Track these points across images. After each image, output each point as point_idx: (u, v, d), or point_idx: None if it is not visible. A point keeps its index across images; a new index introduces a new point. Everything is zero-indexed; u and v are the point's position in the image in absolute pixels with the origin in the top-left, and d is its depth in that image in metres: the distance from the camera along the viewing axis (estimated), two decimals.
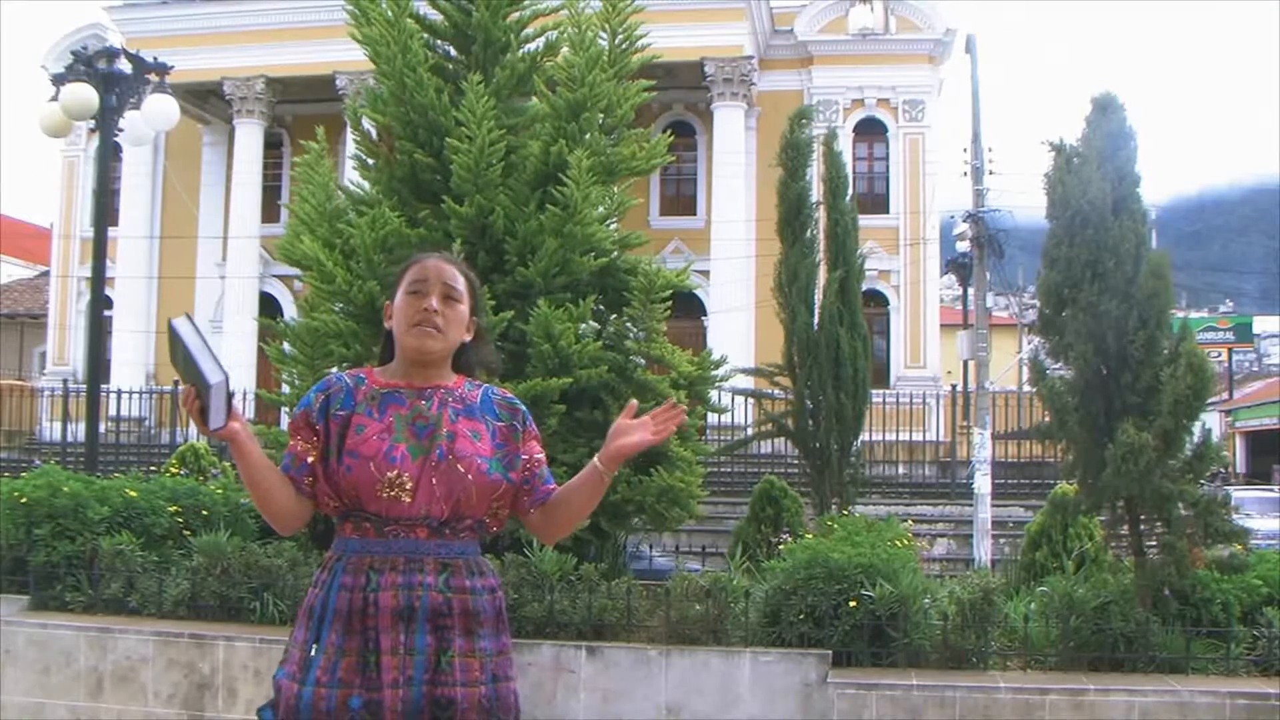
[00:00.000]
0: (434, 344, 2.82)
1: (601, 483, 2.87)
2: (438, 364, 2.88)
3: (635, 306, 8.97)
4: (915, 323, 28.67)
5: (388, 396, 2.83)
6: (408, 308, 2.83)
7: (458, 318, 2.87)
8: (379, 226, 8.71)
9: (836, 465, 12.98)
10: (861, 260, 14.27)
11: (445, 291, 2.85)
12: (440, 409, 2.82)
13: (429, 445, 2.76)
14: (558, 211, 8.79)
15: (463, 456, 2.76)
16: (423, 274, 2.86)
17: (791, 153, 13.55)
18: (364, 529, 2.76)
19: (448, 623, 2.73)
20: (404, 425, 2.78)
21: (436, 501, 2.73)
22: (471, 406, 2.86)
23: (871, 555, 7.05)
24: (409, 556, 2.74)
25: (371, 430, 2.76)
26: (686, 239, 28.59)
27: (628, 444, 2.86)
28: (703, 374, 9.34)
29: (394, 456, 2.72)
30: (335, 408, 2.81)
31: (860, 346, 13.41)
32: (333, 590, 2.74)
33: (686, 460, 8.85)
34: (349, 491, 2.74)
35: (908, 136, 29.16)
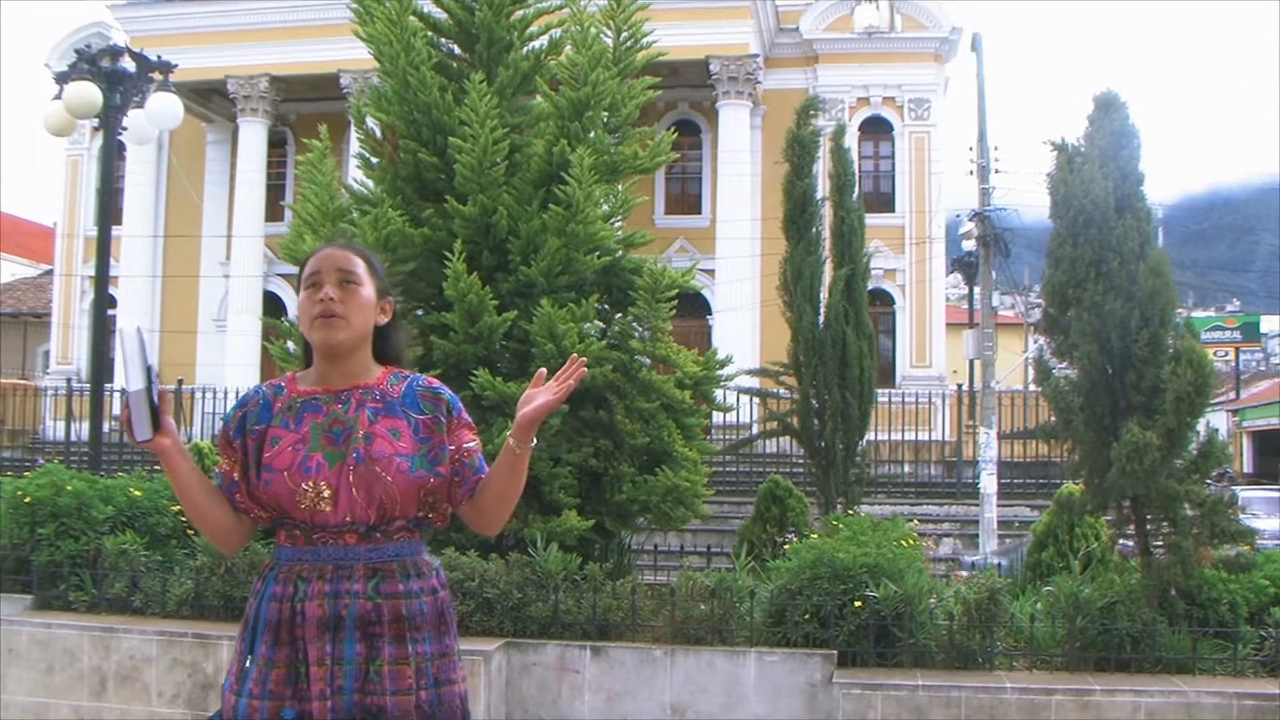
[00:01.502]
0: (339, 334, 2.74)
1: (517, 458, 2.77)
2: (352, 358, 2.80)
3: (640, 306, 8.97)
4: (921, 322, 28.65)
5: (305, 405, 2.78)
6: (307, 303, 2.77)
7: (360, 302, 2.78)
8: (382, 226, 8.72)
9: (842, 465, 12.97)
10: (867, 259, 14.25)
11: (341, 277, 2.77)
12: (357, 410, 2.76)
13: (345, 450, 2.71)
14: (561, 210, 8.80)
15: (380, 458, 2.70)
16: (314, 266, 2.79)
17: (797, 148, 13.54)
18: (295, 537, 2.74)
19: (377, 630, 2.68)
20: (320, 433, 2.73)
21: (359, 506, 2.68)
22: (392, 403, 2.79)
23: (877, 555, 7.05)
24: (337, 564, 2.69)
25: (286, 442, 2.72)
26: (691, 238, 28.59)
27: (531, 410, 2.75)
28: (708, 373, 9.34)
29: (309, 467, 2.69)
30: (251, 423, 2.78)
31: (866, 346, 13.41)
32: (264, 600, 2.72)
33: (691, 460, 8.86)
34: (271, 504, 2.72)
35: (913, 135, 29.15)
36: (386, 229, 8.70)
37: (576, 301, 8.84)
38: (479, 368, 8.40)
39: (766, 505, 11.02)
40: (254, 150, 29.09)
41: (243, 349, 26.97)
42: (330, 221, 9.38)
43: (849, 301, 13.42)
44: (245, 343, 27.11)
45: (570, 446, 8.37)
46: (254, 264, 28.77)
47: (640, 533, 10.18)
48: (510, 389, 8.16)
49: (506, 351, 9.08)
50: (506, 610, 7.20)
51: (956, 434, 24.40)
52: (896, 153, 29.35)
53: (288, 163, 30.52)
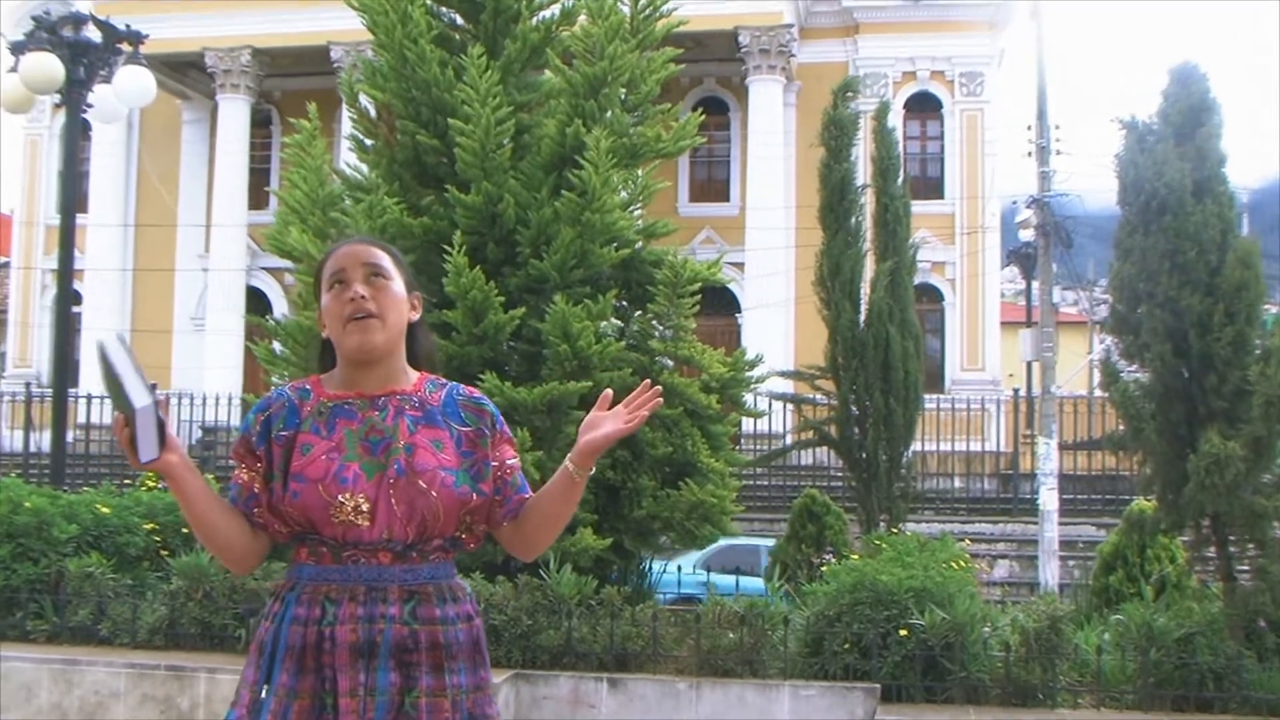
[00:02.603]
0: (376, 336, 2.74)
1: (573, 485, 2.79)
2: (387, 362, 2.81)
3: (661, 302, 8.98)
4: (973, 320, 28.57)
5: (337, 410, 2.77)
6: (334, 304, 2.77)
7: (393, 298, 2.78)
8: (377, 215, 8.75)
9: (885, 478, 12.96)
10: (913, 250, 14.24)
11: (369, 272, 2.78)
12: (396, 419, 2.76)
13: (385, 461, 2.71)
14: (575, 198, 8.81)
15: (424, 470, 2.71)
16: (338, 262, 2.79)
17: (835, 130, 13.54)
18: (320, 554, 2.72)
19: (414, 659, 2.68)
20: (355, 441, 2.72)
21: (398, 523, 2.68)
22: (432, 412, 2.79)
23: (924, 578, 7.04)
24: (370, 585, 2.69)
25: (319, 449, 2.71)
26: (718, 228, 28.60)
27: (598, 438, 2.79)
28: (736, 376, 9.34)
29: (345, 477, 2.68)
30: (278, 428, 2.76)
31: (912, 346, 13.39)
32: (285, 624, 2.70)
33: (718, 472, 8.86)
34: (298, 519, 2.69)
35: (965, 113, 29.07)
36: (382, 219, 8.73)
37: (592, 298, 8.85)
38: (485, 371, 8.42)
39: (802, 523, 11.02)
40: (235, 131, 29.19)
41: (224, 350, 27.08)
42: (320, 210, 9.42)
43: (893, 298, 13.40)
44: (226, 343, 27.21)
45: None
46: (236, 256, 28.88)
47: (662, 553, 10.18)
48: (520, 394, 8.17)
49: (515, 353, 9.09)
50: (515, 638, 7.21)
51: (1013, 444, 24.32)
52: (946, 132, 29.28)
53: (273, 145, 30.61)
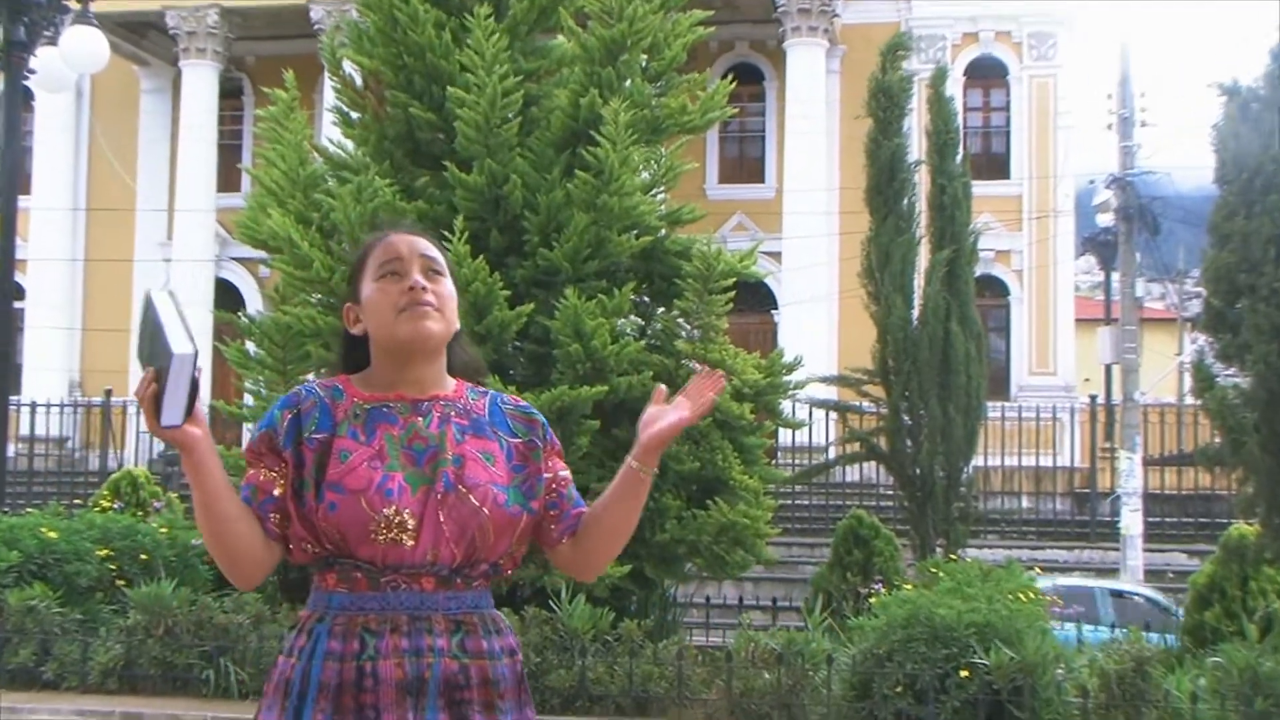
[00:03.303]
0: (434, 325, 2.79)
1: (641, 484, 2.83)
2: (433, 363, 2.86)
3: (688, 297, 9.02)
4: (1043, 317, 28.51)
5: (374, 413, 2.79)
6: (386, 294, 2.81)
7: (450, 297, 2.85)
8: (366, 198, 8.81)
9: (942, 497, 12.97)
10: (974, 237, 14.24)
11: (428, 265, 2.84)
12: (442, 425, 2.79)
13: (432, 473, 2.73)
14: (590, 179, 8.86)
15: (475, 485, 2.74)
16: (393, 251, 2.85)
17: (884, 99, 13.55)
18: (353, 580, 2.73)
19: (465, 695, 2.71)
20: (398, 449, 2.75)
21: (446, 544, 2.70)
22: (479, 421, 2.84)
23: (988, 612, 7.06)
24: (413, 614, 2.71)
25: (359, 457, 2.73)
26: (752, 212, 28.58)
27: (662, 429, 2.80)
28: (773, 382, 9.38)
29: (389, 489, 2.69)
30: (309, 429, 2.77)
31: (973, 347, 13.40)
32: (316, 659, 2.70)
33: (752, 490, 8.90)
34: (332, 535, 2.69)
35: (1034, 80, 29.01)
36: (372, 202, 8.79)
37: (609, 292, 8.90)
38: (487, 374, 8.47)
39: (847, 547, 11.04)
40: (202, 102, 29.26)
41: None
42: (300, 192, 9.50)
43: (951, 291, 13.42)
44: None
45: (601, 473, 8.42)
46: (203, 245, 28.94)
47: (688, 582, 10.21)
48: (528, 400, 8.20)
49: (521, 354, 9.15)
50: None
51: (1089, 459, 24.27)
52: (1013, 102, 29.21)
53: (245, 118, 30.69)
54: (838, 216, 25.67)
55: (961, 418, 13.07)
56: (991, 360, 23.34)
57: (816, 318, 26.24)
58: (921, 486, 13.03)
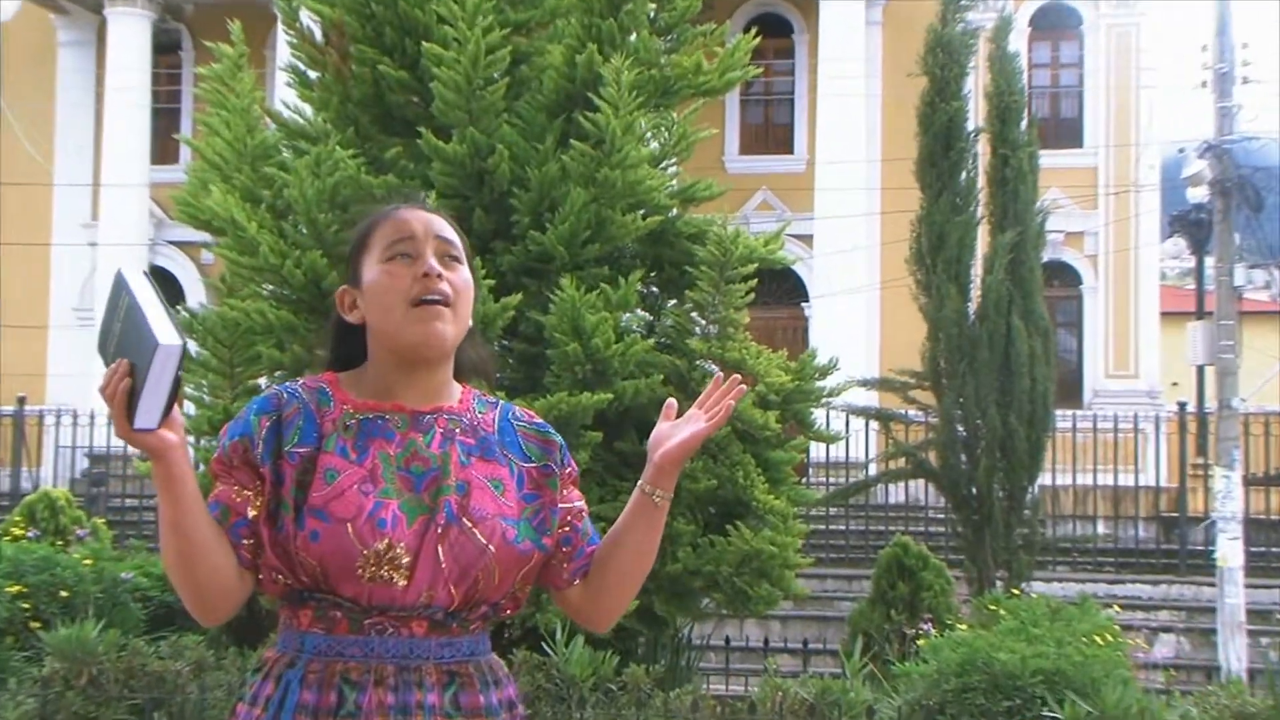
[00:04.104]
0: (448, 328, 2.78)
1: (656, 513, 2.86)
2: (442, 366, 2.85)
3: (704, 288, 9.06)
4: (1122, 310, 28.51)
5: (368, 425, 2.79)
6: (396, 280, 2.79)
7: (467, 290, 2.85)
8: (326, 172, 8.85)
9: (1002, 521, 13.02)
10: (1041, 217, 14.30)
11: (443, 248, 2.84)
12: (445, 445, 2.79)
13: (432, 502, 2.73)
14: (588, 150, 8.91)
15: (481, 518, 2.74)
16: (406, 229, 2.83)
17: (940, 54, 13.61)
18: (331, 619, 2.73)
19: None
20: (393, 470, 2.74)
21: (444, 584, 2.70)
22: (487, 441, 2.85)
23: (1058, 657, 7.10)
24: (401, 663, 2.71)
25: (348, 478, 2.71)
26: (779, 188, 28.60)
27: (676, 447, 2.83)
28: (803, 386, 9.42)
29: (382, 519, 2.67)
30: (291, 441, 2.76)
31: (1039, 345, 13.46)
32: (286, 713, 2.70)
33: (779, 513, 8.93)
34: (311, 568, 2.68)
35: (1113, 30, 29.01)
36: (333, 176, 8.83)
37: (612, 281, 8.94)
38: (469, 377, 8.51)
39: (891, 580, 11.09)
40: (132, 58, 29.22)
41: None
42: (249, 164, 9.55)
43: (1014, 280, 13.48)
44: None
45: (604, 493, 8.48)
46: (134, 227, 28.92)
47: (705, 620, 10.26)
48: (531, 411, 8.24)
49: (509, 354, 9.19)
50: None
51: (1178, 477, 24.24)
52: (1087, 58, 29.19)
53: (183, 78, 30.71)
54: (880, 193, 25.70)
55: (1025, 428, 13.13)
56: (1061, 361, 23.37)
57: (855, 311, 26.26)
58: (978, 509, 13.08)
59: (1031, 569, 13.38)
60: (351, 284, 2.87)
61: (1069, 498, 22.67)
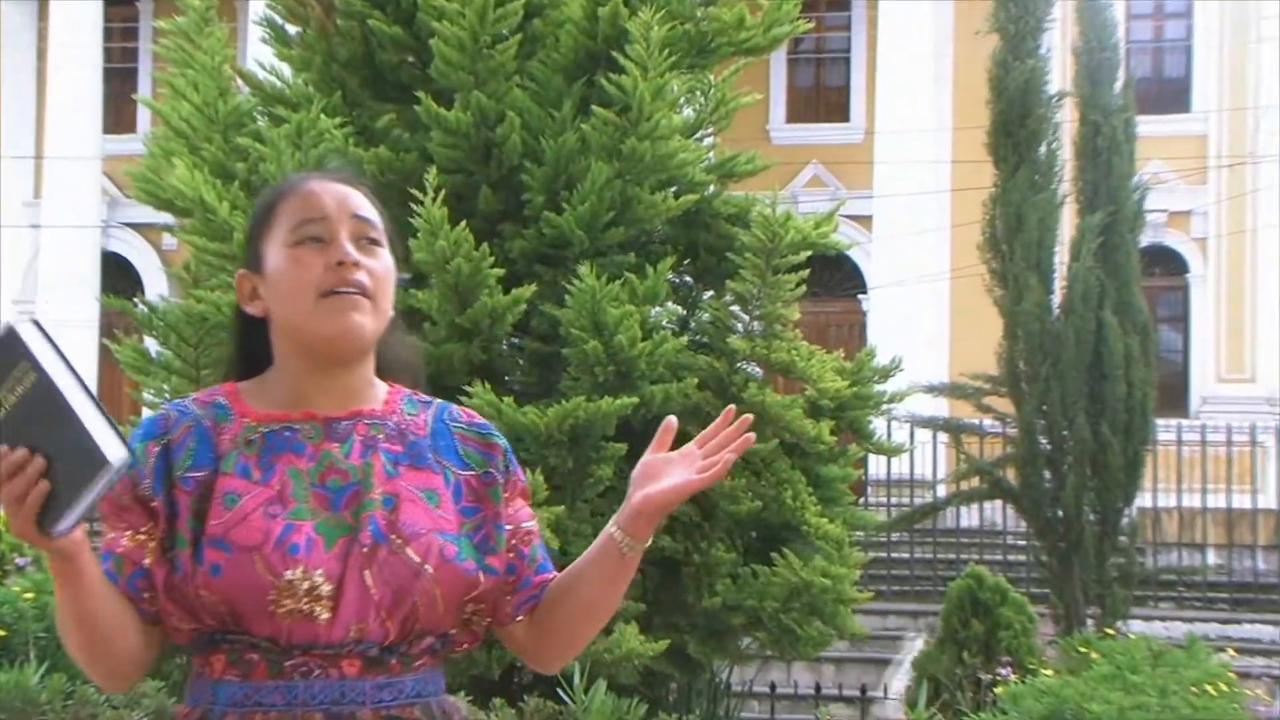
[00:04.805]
0: (364, 320, 2.75)
1: (623, 564, 2.78)
2: (361, 364, 2.83)
3: (746, 278, 9.09)
4: (1236, 303, 28.42)
5: (273, 439, 2.77)
6: (304, 268, 2.76)
7: (388, 275, 2.82)
8: (308, 143, 8.90)
9: (1094, 549, 13.02)
10: (1139, 195, 14.28)
11: (360, 229, 2.81)
12: (367, 454, 2.77)
13: (354, 520, 2.70)
14: (612, 117, 8.95)
15: (413, 534, 2.70)
16: (316, 206, 2.80)
17: (1012, 8, 13.62)
18: (247, 664, 2.70)
19: None
20: (306, 488, 2.72)
21: (375, 615, 2.68)
22: (418, 446, 2.83)
23: (1161, 710, 7.13)
24: (331, 710, 2.69)
25: (252, 500, 2.69)
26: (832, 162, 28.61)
27: (659, 495, 2.74)
28: (860, 392, 9.44)
29: (294, 544, 2.65)
30: (184, 465, 2.74)
31: (1137, 344, 13.46)
32: None
33: (833, 539, 8.96)
34: (216, 608, 2.66)
35: None
36: (316, 148, 8.88)
37: (638, 270, 8.99)
38: (474, 380, 8.59)
39: (963, 617, 11.11)
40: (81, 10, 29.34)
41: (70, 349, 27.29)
42: (220, 133, 9.59)
43: (1107, 269, 13.49)
44: (71, 340, 27.42)
45: None
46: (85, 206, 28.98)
47: (746, 663, 10.30)
48: (528, 417, 8.34)
49: (520, 353, 9.24)
50: None
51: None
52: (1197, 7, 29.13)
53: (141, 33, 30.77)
54: (950, 167, 25.69)
55: (1120, 441, 13.12)
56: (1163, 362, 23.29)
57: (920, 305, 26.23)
58: (1065, 535, 13.09)
59: (1128, 605, 13.38)
60: (252, 268, 2.84)
61: (1173, 522, 22.63)
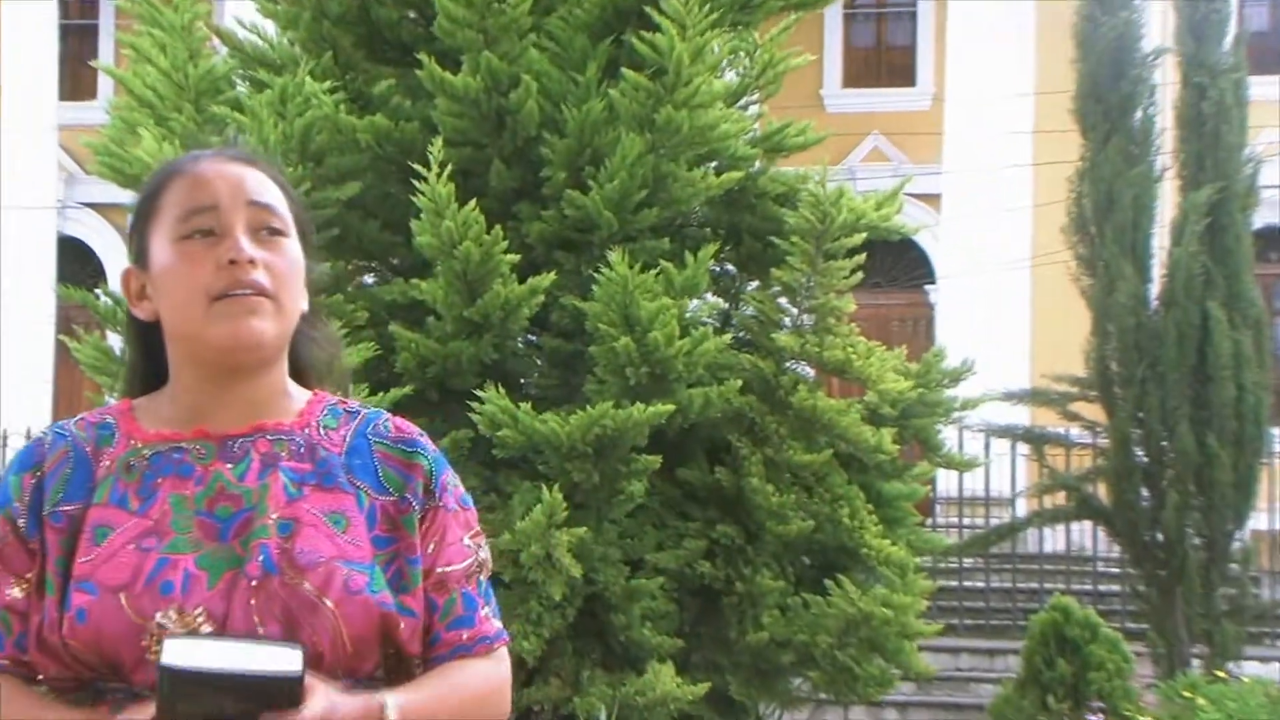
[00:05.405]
0: (263, 326, 2.71)
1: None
2: (265, 373, 2.80)
3: (795, 265, 9.09)
4: None
5: (159, 462, 2.76)
6: (193, 266, 2.72)
7: (293, 269, 2.80)
8: (295, 111, 8.93)
9: (1199, 577, 12.98)
10: (1252, 168, 14.22)
11: (258, 219, 2.77)
12: (265, 475, 2.74)
13: (242, 550, 2.67)
14: (644, 82, 8.95)
15: (311, 564, 2.66)
16: (205, 193, 2.76)
17: None
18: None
19: None
20: (190, 516, 2.70)
21: None
22: (328, 464, 2.79)
23: None
24: None
25: (124, 534, 2.67)
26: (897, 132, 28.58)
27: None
28: (927, 396, 9.45)
29: (168, 581, 2.63)
30: (54, 500, 2.73)
31: (1249, 341, 13.40)
32: None
33: (896, 564, 8.95)
34: (88, 658, 2.64)
35: None
36: (303, 117, 8.91)
37: (674, 257, 8.99)
38: (485, 383, 8.63)
39: (1047, 656, 11.10)
40: None
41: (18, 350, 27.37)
42: (191, 102, 9.62)
43: (1213, 254, 13.44)
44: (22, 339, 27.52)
45: (664, 536, 8.51)
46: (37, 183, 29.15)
47: (797, 707, 10.32)
48: (548, 425, 8.35)
49: (538, 353, 9.26)
50: None
51: None
52: None
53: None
54: (1030, 138, 25.62)
55: (1230, 453, 13.07)
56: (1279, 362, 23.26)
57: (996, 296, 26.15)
58: (1166, 561, 13.07)
59: (1241, 643, 13.33)
60: (138, 264, 2.83)
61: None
